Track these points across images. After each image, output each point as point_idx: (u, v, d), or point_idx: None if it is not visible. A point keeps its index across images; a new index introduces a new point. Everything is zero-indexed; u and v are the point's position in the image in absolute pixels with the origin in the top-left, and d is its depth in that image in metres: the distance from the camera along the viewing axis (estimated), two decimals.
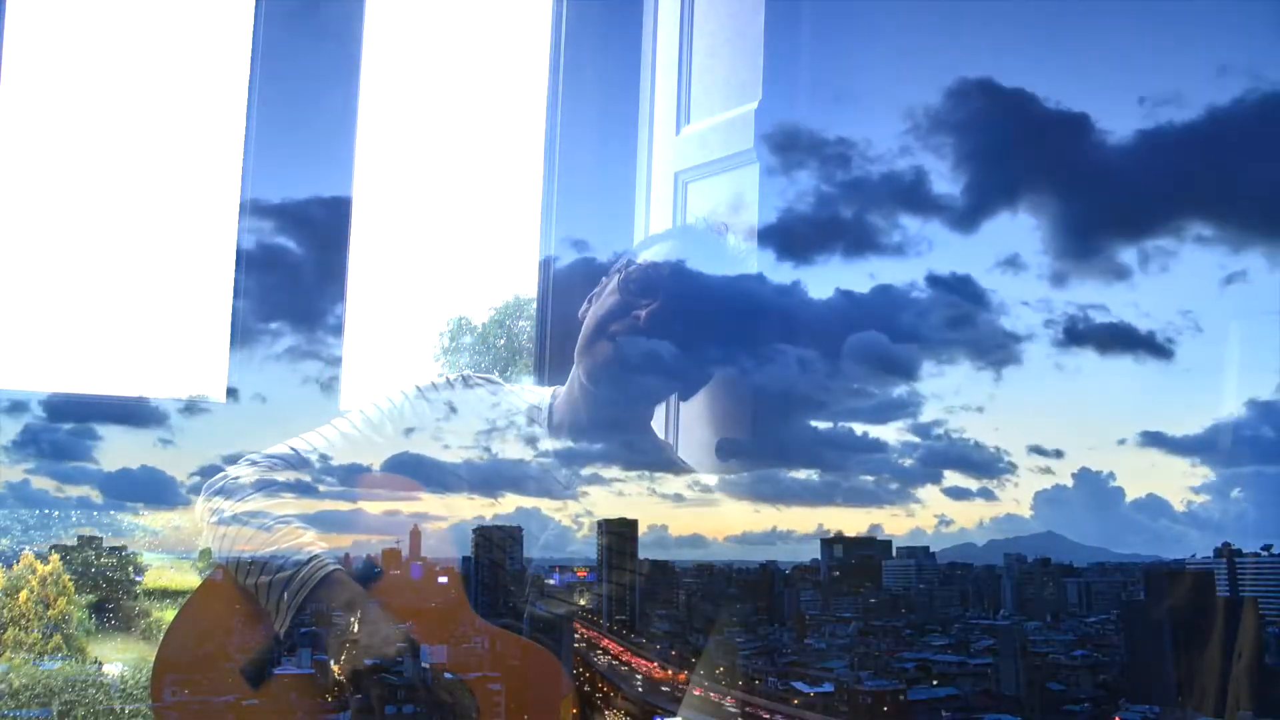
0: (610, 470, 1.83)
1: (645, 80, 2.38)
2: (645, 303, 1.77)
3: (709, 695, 1.69)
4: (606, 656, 1.76)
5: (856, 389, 1.69)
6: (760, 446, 1.88)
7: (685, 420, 2.10)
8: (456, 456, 1.81)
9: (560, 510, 1.80)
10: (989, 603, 1.70)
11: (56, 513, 1.96)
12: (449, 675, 1.57)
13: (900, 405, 1.63)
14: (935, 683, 1.62)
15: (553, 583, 1.77)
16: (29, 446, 1.84)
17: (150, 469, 1.83)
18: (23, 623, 2.37)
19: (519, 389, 1.92)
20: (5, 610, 2.36)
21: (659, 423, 2.05)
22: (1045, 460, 1.54)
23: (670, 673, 1.74)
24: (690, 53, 2.30)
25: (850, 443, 1.67)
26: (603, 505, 1.78)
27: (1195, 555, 1.49)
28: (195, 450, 1.83)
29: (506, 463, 1.83)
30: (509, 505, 1.78)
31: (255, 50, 2.07)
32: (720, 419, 1.95)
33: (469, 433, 1.84)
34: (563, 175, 2.38)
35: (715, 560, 1.82)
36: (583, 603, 1.77)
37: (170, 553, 2.17)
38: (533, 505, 1.79)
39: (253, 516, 1.63)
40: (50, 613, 2.38)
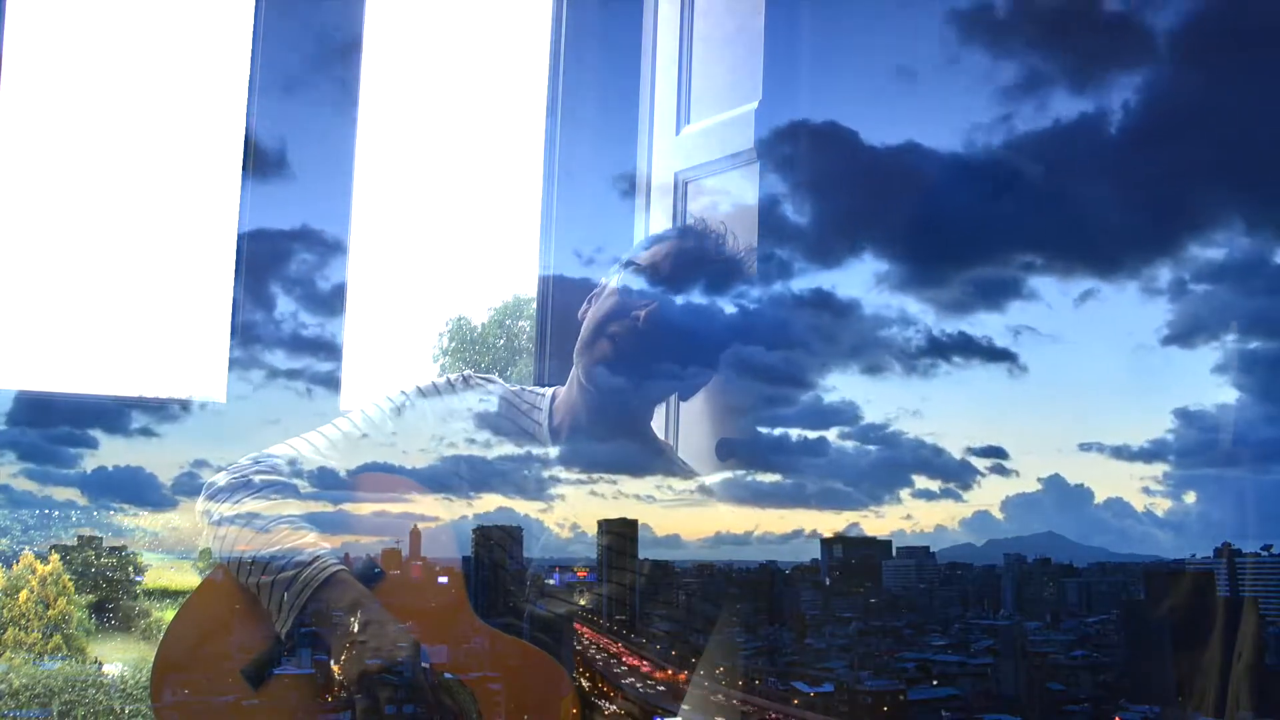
0: (611, 471, 1.83)
1: (645, 80, 2.38)
2: (645, 303, 1.77)
3: (709, 695, 1.69)
4: (606, 656, 1.76)
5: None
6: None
7: (685, 420, 2.10)
8: (456, 456, 1.81)
9: (549, 511, 1.80)
10: (989, 603, 1.70)
11: (56, 513, 1.96)
12: (449, 676, 1.57)
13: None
14: (935, 683, 1.62)
15: (553, 583, 1.77)
16: (28, 447, 1.84)
17: (151, 468, 1.83)
18: (23, 623, 2.37)
19: (519, 389, 1.92)
20: (5, 610, 2.36)
21: (659, 423, 2.06)
22: None
23: (670, 673, 1.74)
24: (690, 53, 2.30)
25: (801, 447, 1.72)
26: (595, 505, 1.78)
27: (1195, 555, 1.49)
28: (195, 450, 1.83)
29: (507, 463, 1.83)
30: (510, 505, 1.78)
31: (255, 50, 2.07)
32: (720, 419, 1.95)
33: (469, 433, 1.84)
34: (563, 175, 2.38)
35: (698, 560, 1.83)
36: (583, 603, 1.77)
37: (170, 553, 2.17)
38: (532, 505, 1.80)
39: (253, 516, 1.63)
40: (50, 613, 2.38)
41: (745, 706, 1.66)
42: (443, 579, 1.65)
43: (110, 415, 1.98)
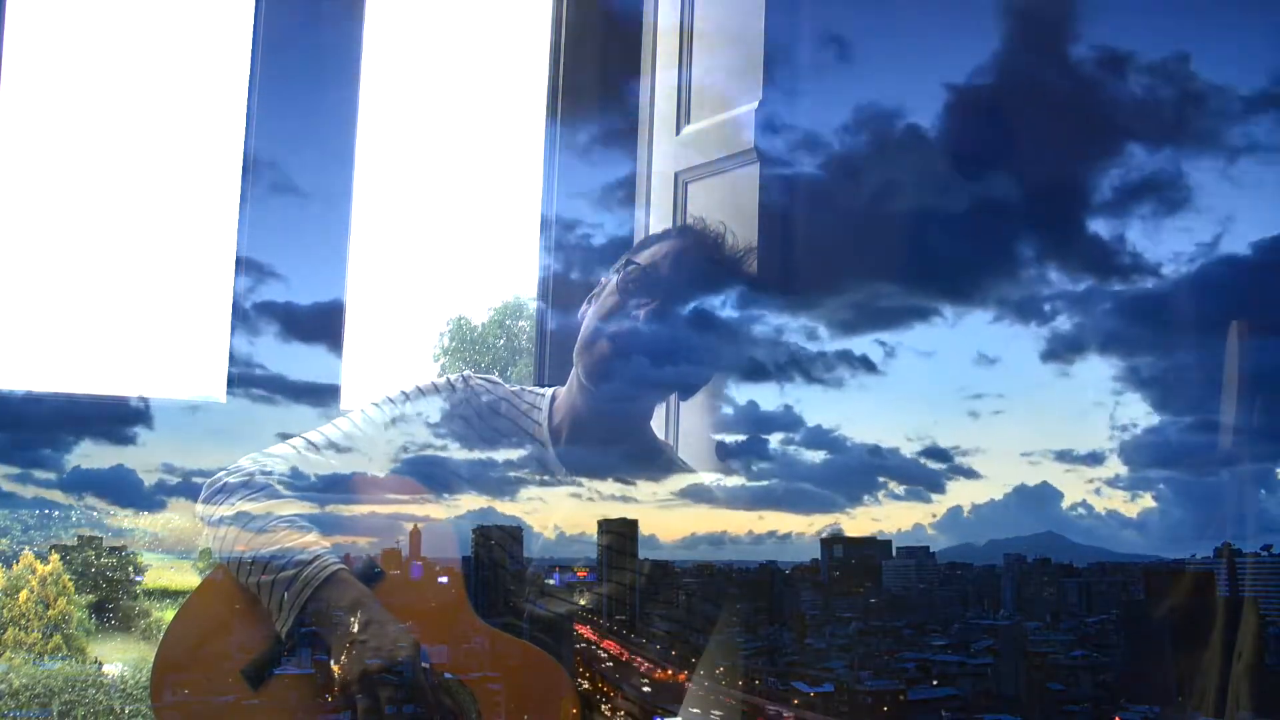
0: (611, 471, 1.83)
1: (645, 80, 2.38)
2: (644, 303, 1.77)
3: (709, 695, 1.69)
4: (606, 656, 1.76)
5: None
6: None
7: (685, 420, 2.10)
8: (456, 456, 1.81)
9: (549, 510, 1.80)
10: (989, 603, 1.70)
11: (57, 513, 1.96)
12: (449, 676, 1.57)
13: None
14: (935, 683, 1.62)
15: (553, 583, 1.77)
16: (28, 447, 1.84)
17: (150, 468, 1.83)
18: (23, 623, 2.37)
19: (519, 389, 1.92)
20: (5, 610, 2.36)
21: (659, 423, 2.06)
22: None
23: (670, 673, 1.74)
24: (690, 53, 2.30)
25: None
26: (595, 505, 1.79)
27: (1195, 555, 1.49)
28: (194, 450, 1.83)
29: (507, 463, 1.83)
30: (509, 505, 1.79)
31: (255, 50, 2.07)
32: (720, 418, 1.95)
33: (469, 433, 1.84)
34: (563, 175, 2.38)
35: (698, 560, 1.83)
36: (583, 603, 1.77)
37: (170, 553, 2.17)
38: (532, 505, 1.79)
39: (253, 516, 1.63)
40: (50, 613, 2.38)
41: (744, 707, 1.66)
42: (443, 579, 1.65)
43: (109, 415, 1.98)
